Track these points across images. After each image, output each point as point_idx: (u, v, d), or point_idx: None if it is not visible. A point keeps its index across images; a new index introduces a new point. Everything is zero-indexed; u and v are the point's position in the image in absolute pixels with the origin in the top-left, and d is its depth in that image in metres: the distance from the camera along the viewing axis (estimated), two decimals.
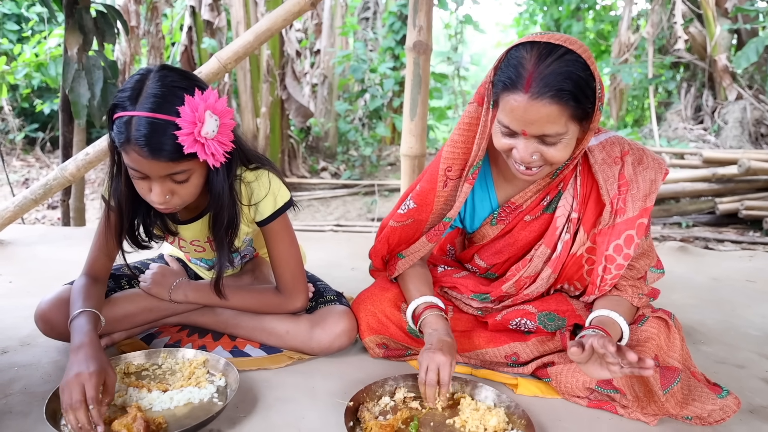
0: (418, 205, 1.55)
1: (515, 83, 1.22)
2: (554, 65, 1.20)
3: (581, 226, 1.47)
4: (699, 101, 8.26)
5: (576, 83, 1.20)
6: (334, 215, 6.61)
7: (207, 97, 1.26)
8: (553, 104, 1.20)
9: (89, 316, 1.36)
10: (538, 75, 1.20)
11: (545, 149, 1.28)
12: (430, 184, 1.53)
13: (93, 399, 1.17)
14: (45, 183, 2.65)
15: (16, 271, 2.39)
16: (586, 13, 10.29)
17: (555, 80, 1.19)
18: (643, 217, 1.41)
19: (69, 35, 3.25)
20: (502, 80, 1.26)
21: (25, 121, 8.71)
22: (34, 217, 5.90)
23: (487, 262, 1.64)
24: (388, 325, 1.62)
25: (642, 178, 1.42)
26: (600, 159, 1.43)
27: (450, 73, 9.19)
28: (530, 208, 1.51)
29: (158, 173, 1.28)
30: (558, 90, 1.19)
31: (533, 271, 1.53)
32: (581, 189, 1.46)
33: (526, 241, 1.55)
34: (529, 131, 1.25)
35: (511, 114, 1.25)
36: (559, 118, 1.22)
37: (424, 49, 2.79)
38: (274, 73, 7.30)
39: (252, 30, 2.61)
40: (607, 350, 1.18)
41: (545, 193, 1.49)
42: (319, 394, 1.43)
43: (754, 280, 2.69)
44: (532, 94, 1.20)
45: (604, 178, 1.42)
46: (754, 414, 1.42)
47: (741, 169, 5.36)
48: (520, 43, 1.27)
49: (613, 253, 1.41)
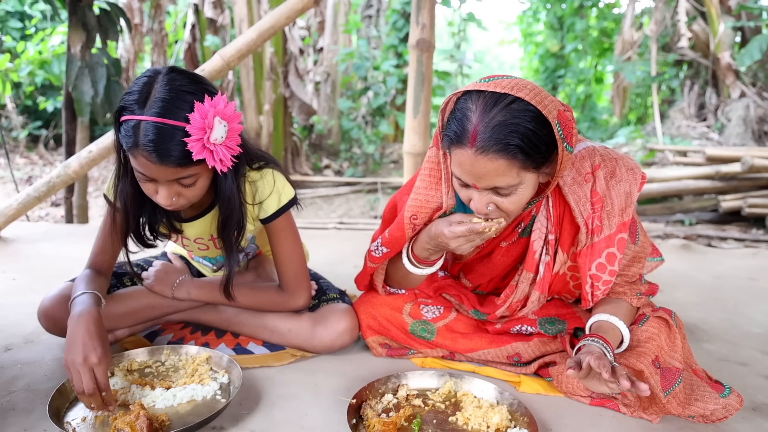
0: (391, 249, 1.52)
1: (460, 138, 1.18)
2: (499, 115, 1.15)
3: (559, 247, 1.44)
4: (702, 99, 8.23)
5: (523, 135, 1.14)
6: (337, 213, 6.62)
7: (216, 102, 1.25)
8: (500, 158, 1.15)
9: (91, 295, 1.36)
10: (483, 129, 1.15)
11: (499, 200, 1.24)
12: (399, 231, 1.47)
13: (104, 386, 1.20)
14: (48, 180, 2.66)
15: (19, 268, 2.39)
16: (589, 11, 10.25)
17: (500, 133, 1.14)
18: (621, 232, 1.36)
19: (72, 33, 3.26)
20: (448, 134, 1.22)
21: (29, 119, 8.74)
22: (38, 215, 5.91)
23: (472, 282, 1.64)
24: (390, 327, 1.62)
25: (616, 193, 1.36)
26: (570, 180, 1.37)
27: (453, 71, 9.18)
28: (506, 235, 1.48)
29: (166, 177, 1.28)
30: (504, 144, 1.14)
31: (521, 295, 1.51)
32: (554, 210, 1.42)
33: (504, 264, 1.53)
34: (480, 185, 1.22)
35: (460, 167, 1.22)
36: (508, 170, 1.17)
37: (427, 46, 2.79)
38: (277, 70, 7.30)
39: (255, 27, 2.61)
40: (602, 373, 1.17)
41: (519, 219, 1.45)
42: (322, 392, 1.43)
43: (756, 278, 2.68)
44: (477, 149, 1.16)
45: (575, 199, 1.36)
46: (757, 411, 1.42)
47: (744, 166, 5.34)
48: (466, 91, 1.21)
49: (596, 272, 1.38)
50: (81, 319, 1.27)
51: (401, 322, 1.62)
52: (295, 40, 7.50)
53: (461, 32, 9.10)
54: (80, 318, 1.28)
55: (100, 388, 1.20)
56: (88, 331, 1.25)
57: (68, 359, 1.21)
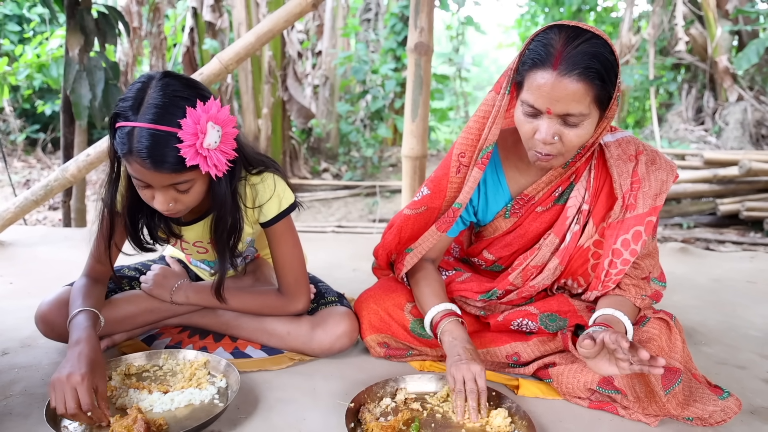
0: (432, 191, 1.56)
1: (544, 60, 1.25)
2: (582, 46, 1.23)
3: (591, 218, 1.48)
4: (700, 102, 8.26)
5: (603, 63, 1.23)
6: (336, 216, 6.62)
7: (209, 107, 1.25)
8: (580, 82, 1.22)
9: (88, 315, 1.36)
10: (566, 54, 1.23)
11: (566, 131, 1.29)
12: (444, 170, 1.54)
13: (88, 405, 1.17)
14: (46, 184, 2.66)
15: (16, 272, 2.39)
16: (587, 15, 10.30)
17: (583, 59, 1.22)
18: (652, 215, 1.43)
19: (70, 36, 3.26)
20: (530, 58, 1.28)
21: (27, 122, 8.73)
22: (35, 218, 5.90)
23: (495, 255, 1.64)
24: (391, 323, 1.62)
25: (654, 177, 1.44)
26: (615, 155, 1.45)
27: (451, 75, 9.20)
28: (542, 200, 1.52)
29: (161, 183, 1.28)
30: (585, 68, 1.21)
31: (541, 260, 1.53)
32: (594, 182, 1.48)
33: (536, 232, 1.55)
34: (554, 109, 1.26)
35: (537, 91, 1.26)
36: (584, 97, 1.24)
37: (425, 50, 2.80)
38: (275, 74, 7.31)
39: (253, 31, 2.61)
40: (620, 346, 1.19)
41: (557, 184, 1.50)
42: (320, 395, 1.43)
43: (754, 281, 2.68)
44: (561, 71, 1.22)
45: (618, 172, 1.44)
46: (755, 415, 1.42)
47: (742, 170, 5.36)
48: (548, 27, 1.30)
49: (620, 247, 1.43)
50: (77, 347, 1.27)
51: (402, 319, 1.62)
52: (293, 43, 7.52)
53: (460, 36, 9.12)
54: (77, 345, 1.27)
55: (83, 407, 1.17)
56: (79, 354, 1.24)
57: (52, 378, 1.20)
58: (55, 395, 1.18)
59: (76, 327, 1.33)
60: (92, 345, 1.28)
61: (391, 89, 8.22)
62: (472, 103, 10.91)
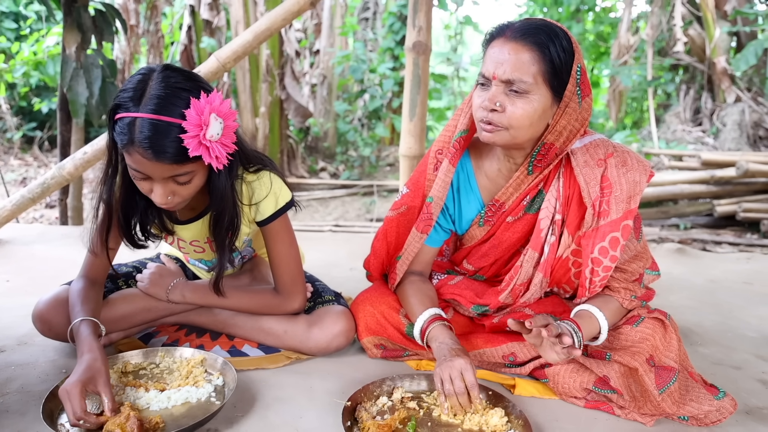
0: (411, 190, 1.58)
1: (500, 31, 1.33)
2: (537, 23, 1.31)
3: (565, 228, 1.47)
4: (698, 103, 8.27)
5: (552, 40, 1.28)
6: (333, 215, 6.61)
7: (212, 99, 1.25)
8: (525, 47, 1.27)
9: (89, 324, 1.36)
10: (518, 24, 1.32)
11: (509, 100, 1.30)
12: (422, 168, 1.57)
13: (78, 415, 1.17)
14: (43, 182, 2.65)
15: (13, 270, 2.38)
16: (585, 15, 10.30)
17: (531, 30, 1.29)
18: (627, 219, 1.39)
19: (67, 33, 3.25)
20: (488, 35, 1.36)
21: (23, 120, 8.70)
22: (32, 216, 5.89)
23: (475, 265, 1.65)
24: (386, 326, 1.62)
25: (625, 180, 1.40)
26: (582, 161, 1.43)
27: (449, 74, 9.20)
28: (512, 208, 1.52)
29: (161, 175, 1.27)
30: (532, 35, 1.27)
31: (525, 277, 1.53)
32: (564, 191, 1.46)
33: (510, 242, 1.56)
34: (499, 74, 1.29)
35: (488, 59, 1.32)
36: (529, 65, 1.27)
37: (423, 49, 2.80)
38: (273, 72, 7.29)
39: (251, 29, 2.61)
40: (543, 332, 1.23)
41: (526, 192, 1.49)
42: (316, 394, 1.43)
43: (751, 282, 2.69)
44: (509, 37, 1.30)
45: (585, 180, 1.41)
46: (750, 415, 1.43)
47: (739, 171, 5.36)
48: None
49: (598, 255, 1.41)
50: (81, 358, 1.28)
51: (398, 322, 1.62)
52: (291, 42, 7.50)
53: (458, 35, 9.12)
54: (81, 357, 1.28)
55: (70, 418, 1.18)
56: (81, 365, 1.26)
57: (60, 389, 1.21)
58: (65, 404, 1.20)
59: (79, 338, 1.34)
60: (95, 355, 1.29)
61: (389, 88, 8.22)
62: None
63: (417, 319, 1.51)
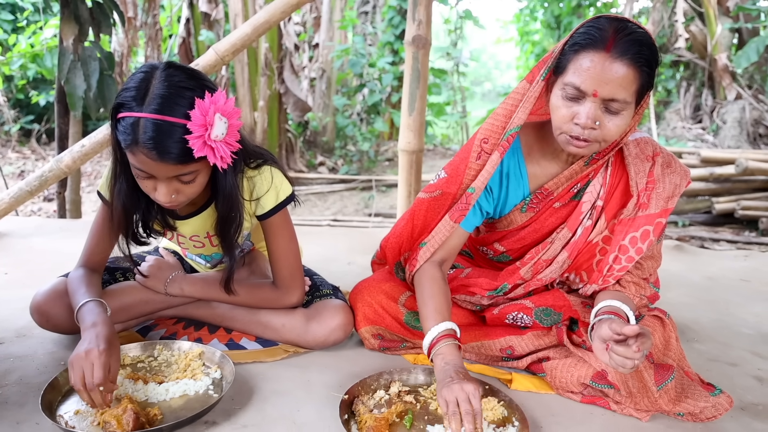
0: (449, 175, 1.53)
1: (597, 42, 1.25)
2: (634, 34, 1.25)
3: (603, 214, 1.50)
4: (698, 100, 8.26)
5: (651, 52, 1.26)
6: (332, 210, 6.61)
7: (216, 99, 1.25)
8: (631, 67, 1.24)
9: (98, 303, 1.38)
10: (620, 38, 1.24)
11: (607, 118, 1.29)
12: (464, 155, 1.52)
13: (100, 379, 1.19)
14: (41, 175, 2.64)
15: (11, 263, 2.38)
16: (587, 10, 10.27)
17: (634, 46, 1.24)
18: (662, 216, 1.44)
19: (64, 26, 3.23)
20: (580, 41, 1.28)
21: (21, 113, 8.66)
22: (30, 209, 5.88)
23: (507, 247, 1.63)
24: (384, 316, 1.62)
25: (669, 180, 1.46)
26: (634, 153, 1.47)
27: (449, 69, 9.17)
28: (561, 195, 1.52)
29: (165, 174, 1.27)
30: (637, 54, 1.23)
31: (552, 254, 1.53)
32: (611, 179, 1.49)
33: (550, 227, 1.55)
34: (601, 92, 1.25)
35: (586, 73, 1.25)
36: (631, 84, 1.25)
37: (423, 43, 2.79)
38: (272, 66, 7.27)
39: (250, 22, 2.60)
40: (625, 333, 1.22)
41: (577, 181, 1.50)
42: (314, 387, 1.43)
43: (748, 280, 2.70)
44: (613, 53, 1.23)
45: (635, 170, 1.45)
46: (745, 411, 1.44)
47: (738, 169, 5.37)
48: (596, 17, 1.32)
49: (628, 243, 1.45)
50: (94, 328, 1.29)
51: (396, 311, 1.62)
52: (290, 35, 7.48)
53: (458, 30, 9.08)
54: (93, 327, 1.29)
55: (95, 381, 1.19)
56: (97, 334, 1.27)
57: (71, 357, 1.22)
58: (73, 372, 1.20)
59: (89, 312, 1.34)
60: (109, 327, 1.30)
61: (388, 83, 8.19)
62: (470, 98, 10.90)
63: (430, 330, 1.40)
